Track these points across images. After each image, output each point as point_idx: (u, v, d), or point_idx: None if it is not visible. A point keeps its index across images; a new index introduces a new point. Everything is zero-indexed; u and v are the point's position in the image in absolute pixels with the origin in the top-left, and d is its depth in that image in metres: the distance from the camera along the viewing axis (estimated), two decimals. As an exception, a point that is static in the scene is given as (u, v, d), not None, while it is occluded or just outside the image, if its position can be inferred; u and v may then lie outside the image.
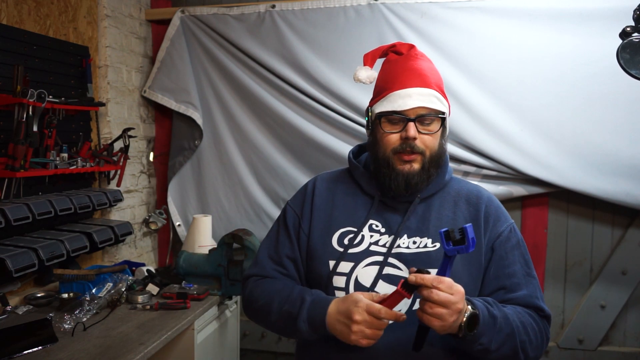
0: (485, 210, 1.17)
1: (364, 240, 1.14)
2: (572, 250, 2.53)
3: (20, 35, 2.00)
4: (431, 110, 1.11)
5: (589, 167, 2.31)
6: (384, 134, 1.13)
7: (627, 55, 1.36)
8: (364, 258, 1.12)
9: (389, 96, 1.13)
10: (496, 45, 2.38)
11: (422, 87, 1.12)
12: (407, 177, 1.11)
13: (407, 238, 1.13)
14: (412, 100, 1.10)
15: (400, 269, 1.10)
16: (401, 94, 1.12)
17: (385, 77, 1.18)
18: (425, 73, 1.14)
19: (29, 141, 1.89)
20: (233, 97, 2.69)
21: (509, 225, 1.17)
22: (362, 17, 2.49)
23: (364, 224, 1.15)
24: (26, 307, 1.87)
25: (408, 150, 1.10)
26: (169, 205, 2.79)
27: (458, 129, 2.41)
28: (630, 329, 2.51)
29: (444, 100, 1.15)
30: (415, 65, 1.15)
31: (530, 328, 1.07)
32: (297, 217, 1.23)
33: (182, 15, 2.68)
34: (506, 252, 1.14)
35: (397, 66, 1.16)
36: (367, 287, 1.10)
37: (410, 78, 1.13)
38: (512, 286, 1.12)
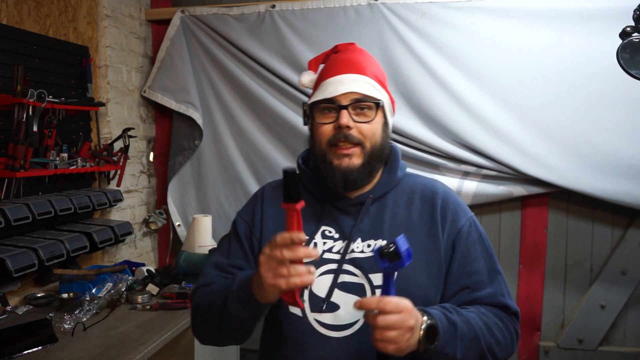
0: (442, 206, 1.09)
1: (317, 248, 1.06)
2: (572, 250, 2.53)
3: (20, 35, 2.00)
4: (365, 96, 1.03)
5: (589, 167, 2.32)
6: (318, 126, 1.06)
7: (627, 55, 1.36)
8: (317, 267, 1.04)
9: (321, 85, 1.07)
10: (496, 45, 2.38)
11: (356, 73, 1.05)
12: (345, 173, 1.03)
13: (361, 242, 1.05)
14: (343, 86, 1.03)
15: (356, 275, 1.03)
16: (332, 80, 1.05)
17: (320, 73, 1.12)
18: (360, 62, 1.08)
19: (29, 141, 1.89)
20: (233, 97, 2.69)
21: (468, 219, 1.09)
22: (362, 17, 2.49)
23: (315, 231, 1.07)
24: (26, 307, 1.87)
25: (343, 141, 1.02)
26: (169, 205, 2.79)
27: (458, 129, 2.41)
28: (630, 329, 2.51)
29: (382, 90, 1.08)
30: (351, 56, 1.09)
31: (497, 328, 1.01)
32: (247, 225, 1.15)
33: (182, 15, 2.68)
34: (468, 249, 1.06)
35: (333, 59, 1.11)
36: (322, 298, 1.02)
37: (343, 66, 1.07)
38: (476, 285, 1.05)
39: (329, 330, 1.01)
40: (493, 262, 1.09)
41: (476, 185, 2.47)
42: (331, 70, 1.08)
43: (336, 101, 1.03)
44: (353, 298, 1.00)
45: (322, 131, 1.05)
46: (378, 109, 1.05)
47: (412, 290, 0.98)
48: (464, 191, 2.47)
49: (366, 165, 1.04)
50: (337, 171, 1.03)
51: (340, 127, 1.02)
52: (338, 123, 1.02)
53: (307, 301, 1.03)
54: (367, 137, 1.04)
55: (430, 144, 2.45)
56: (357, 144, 1.03)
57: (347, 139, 1.02)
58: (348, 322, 1.01)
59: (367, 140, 1.04)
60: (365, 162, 1.04)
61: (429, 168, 2.50)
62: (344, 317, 1.01)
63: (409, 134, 2.46)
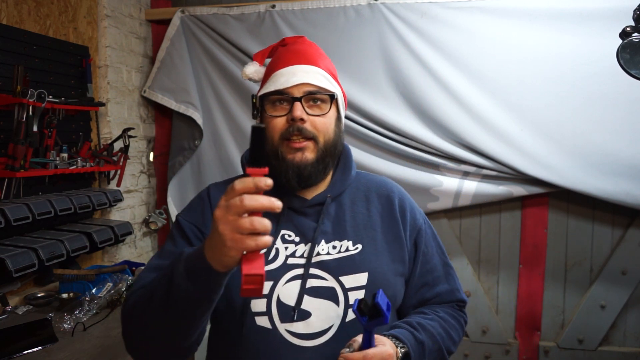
0: (400, 204, 1.09)
1: (279, 254, 1.00)
2: (572, 250, 2.53)
3: (20, 35, 2.00)
4: (319, 88, 1.00)
5: (589, 167, 2.32)
6: (270, 119, 1.00)
7: (627, 55, 1.36)
8: (283, 274, 0.98)
9: (272, 77, 1.02)
10: (496, 45, 2.38)
11: (308, 65, 1.01)
12: (298, 168, 0.98)
13: (325, 243, 1.01)
14: (295, 77, 0.98)
15: (325, 279, 0.98)
16: (284, 72, 1.00)
17: (270, 63, 1.07)
18: (312, 54, 1.04)
19: (29, 141, 1.89)
20: (233, 97, 2.69)
21: (423, 217, 1.12)
22: (362, 17, 2.49)
23: (275, 235, 1.01)
24: (26, 307, 1.87)
25: (296, 135, 0.97)
26: (169, 205, 2.79)
27: (458, 129, 2.41)
28: (630, 329, 2.51)
29: (335, 83, 1.05)
30: (302, 48, 1.05)
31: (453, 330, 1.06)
32: (195, 227, 1.04)
33: (182, 15, 2.68)
34: (427, 247, 1.09)
35: (283, 50, 1.07)
36: (291, 306, 0.96)
37: (294, 57, 1.02)
38: (435, 281, 1.09)
39: (302, 340, 0.96)
40: (445, 257, 1.13)
41: (476, 185, 2.47)
42: (282, 61, 1.03)
43: (289, 93, 0.99)
44: (324, 303, 0.97)
45: (274, 125, 0.99)
46: (332, 102, 1.02)
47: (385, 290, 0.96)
48: (464, 191, 2.47)
49: (320, 161, 1.00)
50: (291, 166, 0.98)
51: (294, 120, 0.97)
52: (291, 115, 0.97)
53: (276, 311, 0.96)
54: (321, 131, 1.00)
55: (430, 144, 2.45)
56: (310, 138, 0.98)
57: (301, 133, 0.98)
58: (322, 329, 0.97)
59: (320, 134, 0.99)
60: (319, 157, 1.00)
61: (429, 168, 2.50)
62: (316, 324, 0.96)
63: (409, 134, 2.45)
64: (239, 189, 0.70)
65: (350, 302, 0.98)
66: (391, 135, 2.48)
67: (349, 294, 0.98)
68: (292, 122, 0.98)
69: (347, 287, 0.99)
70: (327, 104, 1.01)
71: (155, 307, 0.85)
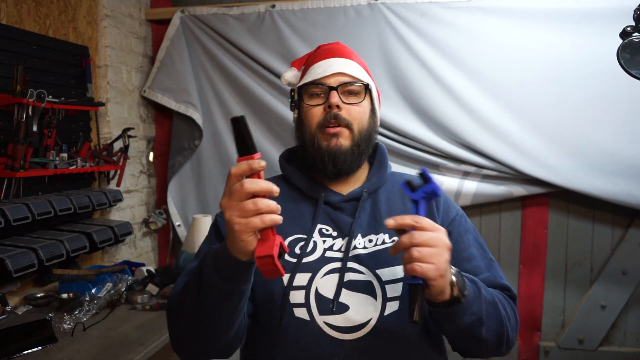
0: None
1: (317, 247, 1.02)
2: (572, 250, 2.53)
3: (20, 35, 2.00)
4: (354, 78, 1.05)
5: (589, 167, 2.31)
6: (308, 108, 1.05)
7: (628, 55, 1.36)
8: (321, 266, 1.00)
9: (309, 70, 1.09)
10: (496, 45, 2.38)
11: (343, 58, 1.08)
12: (334, 155, 1.02)
13: (362, 237, 1.03)
14: (332, 68, 1.05)
15: (362, 273, 0.99)
16: (321, 64, 1.07)
17: (307, 62, 1.14)
18: (347, 51, 1.11)
19: (28, 141, 1.89)
20: (233, 97, 2.69)
21: (458, 212, 1.12)
22: (362, 17, 2.49)
23: (312, 229, 1.03)
24: (26, 307, 1.86)
25: (332, 122, 1.02)
26: (169, 205, 2.79)
27: (458, 129, 2.41)
28: (630, 329, 2.50)
29: (368, 77, 1.10)
30: (337, 46, 1.13)
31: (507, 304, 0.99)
32: None
33: (182, 15, 2.68)
34: (460, 236, 1.07)
35: (319, 49, 1.14)
36: (329, 299, 0.97)
37: (331, 53, 1.09)
38: (474, 269, 1.03)
39: (340, 332, 0.96)
40: (485, 251, 1.09)
41: (476, 185, 2.47)
42: (318, 57, 1.09)
43: (325, 83, 1.04)
44: (361, 297, 0.98)
45: (312, 114, 1.04)
46: (366, 92, 1.06)
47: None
48: (464, 191, 2.47)
49: (354, 149, 1.03)
50: (326, 152, 1.02)
51: (330, 107, 1.02)
52: (328, 103, 1.02)
53: (314, 303, 0.98)
54: (356, 118, 1.04)
55: (430, 144, 2.44)
56: (345, 125, 1.02)
57: (337, 119, 1.02)
58: (360, 323, 0.97)
59: (355, 122, 1.03)
60: (354, 145, 1.03)
61: (429, 168, 2.50)
62: (354, 317, 0.97)
63: (409, 134, 2.45)
64: (235, 173, 0.74)
65: (388, 296, 0.97)
66: (391, 135, 2.48)
67: (386, 287, 0.98)
68: (328, 109, 1.02)
69: (384, 280, 0.99)
70: (362, 94, 1.06)
71: (190, 304, 0.88)
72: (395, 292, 0.98)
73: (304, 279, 0.99)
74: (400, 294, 0.98)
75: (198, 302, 0.87)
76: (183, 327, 0.93)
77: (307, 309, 0.97)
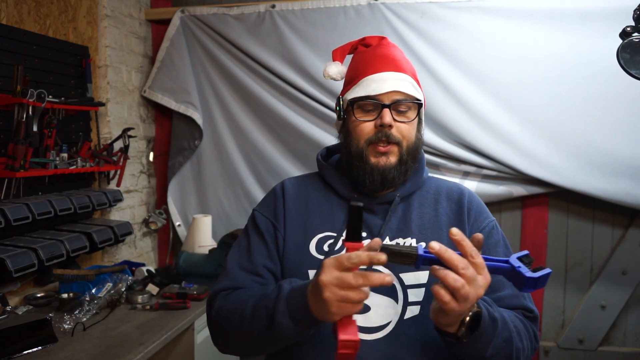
0: (468, 205, 1.09)
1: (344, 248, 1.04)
2: (572, 250, 2.53)
3: (20, 35, 2.00)
4: (407, 95, 1.03)
5: (589, 167, 2.31)
6: (357, 123, 1.04)
7: (627, 55, 1.35)
8: None
9: (361, 81, 1.05)
10: (496, 45, 2.38)
11: (396, 71, 1.04)
12: (383, 172, 1.02)
13: (390, 240, 1.03)
14: (386, 84, 1.02)
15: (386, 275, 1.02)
16: (375, 78, 1.03)
17: (356, 65, 1.09)
18: (398, 59, 1.07)
19: (28, 141, 1.89)
20: (233, 97, 2.69)
21: (490, 221, 1.10)
22: (362, 17, 2.49)
23: (343, 228, 1.04)
24: (26, 307, 1.87)
25: (384, 140, 1.01)
26: (169, 205, 2.79)
27: (458, 129, 2.40)
28: (630, 329, 2.50)
29: (419, 88, 1.08)
30: (388, 51, 1.08)
31: (523, 334, 0.98)
32: (270, 222, 1.09)
33: (182, 15, 2.68)
34: (489, 248, 1.05)
35: (369, 54, 1.09)
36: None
37: (383, 63, 1.05)
38: (497, 284, 1.01)
39: (360, 333, 0.94)
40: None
41: (476, 185, 2.47)
42: (370, 66, 1.06)
43: (378, 100, 1.02)
44: (383, 299, 0.98)
45: (362, 129, 1.03)
46: (418, 109, 1.06)
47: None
48: (464, 191, 2.47)
49: (402, 164, 1.04)
50: (375, 170, 1.02)
51: (383, 126, 1.01)
52: (380, 121, 1.01)
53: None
54: (405, 136, 1.03)
55: (430, 144, 2.44)
56: (395, 143, 1.02)
57: (388, 138, 1.01)
58: (380, 324, 0.97)
59: (404, 139, 1.03)
60: (402, 161, 1.03)
61: (429, 168, 2.47)
62: (374, 319, 0.97)
63: (409, 134, 2.45)
64: (354, 262, 0.76)
65: (410, 300, 0.97)
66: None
67: (408, 291, 0.99)
68: (380, 127, 1.01)
69: (406, 284, 0.99)
70: (414, 110, 1.05)
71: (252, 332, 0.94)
72: (417, 297, 0.98)
73: None
74: (422, 299, 0.98)
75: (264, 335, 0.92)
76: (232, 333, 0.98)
77: None
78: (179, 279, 2.19)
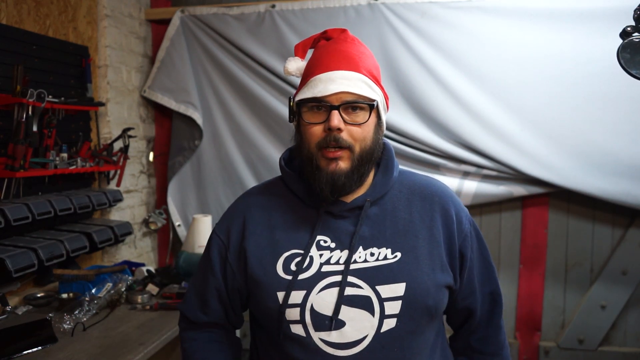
0: (445, 209, 1.04)
1: (313, 262, 0.97)
2: (572, 250, 2.53)
3: (19, 35, 2.00)
4: (359, 96, 0.95)
5: (589, 167, 2.31)
6: (307, 126, 0.97)
7: (628, 55, 1.35)
8: (316, 282, 0.96)
9: (310, 81, 0.98)
10: (496, 44, 2.38)
11: (348, 70, 0.96)
12: (333, 178, 0.95)
13: (363, 250, 0.97)
14: (334, 85, 0.94)
15: (360, 287, 0.95)
16: (322, 78, 0.96)
17: (310, 63, 1.02)
18: (353, 56, 0.98)
19: (28, 141, 1.89)
20: (233, 97, 2.69)
21: (468, 219, 1.06)
22: (362, 17, 2.49)
23: (310, 242, 0.98)
24: (26, 307, 1.86)
25: (332, 145, 0.94)
26: (169, 205, 2.79)
27: (458, 129, 2.40)
28: (630, 329, 2.50)
29: (376, 87, 1.00)
30: (343, 48, 1.00)
31: None
32: (223, 245, 1.06)
33: (182, 15, 2.68)
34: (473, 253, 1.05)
35: (323, 50, 1.01)
36: (328, 316, 0.95)
37: (335, 61, 0.97)
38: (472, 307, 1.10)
39: (336, 349, 0.95)
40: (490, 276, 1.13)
41: (476, 185, 2.47)
42: (321, 64, 0.98)
43: (327, 101, 0.95)
44: (359, 312, 0.95)
45: (311, 132, 0.96)
46: (372, 110, 0.97)
47: (423, 301, 0.96)
48: (464, 191, 2.47)
49: (355, 171, 0.97)
50: (325, 175, 0.96)
51: (331, 130, 0.94)
52: (328, 125, 0.94)
53: (310, 320, 0.95)
54: (358, 140, 0.96)
55: (430, 144, 2.44)
56: (346, 147, 0.95)
57: (337, 142, 0.94)
58: (356, 339, 0.94)
59: (357, 143, 0.96)
60: (354, 167, 0.97)
61: (429, 168, 2.50)
62: (350, 334, 0.94)
63: (409, 134, 2.45)
64: None
65: (386, 313, 0.95)
66: (391, 135, 2.48)
67: (384, 304, 0.95)
68: (328, 131, 0.94)
69: (383, 297, 0.95)
70: (367, 111, 0.97)
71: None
72: (393, 309, 0.95)
73: (299, 297, 0.96)
74: (398, 312, 0.95)
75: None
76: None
77: (302, 325, 0.96)
78: (179, 279, 2.19)
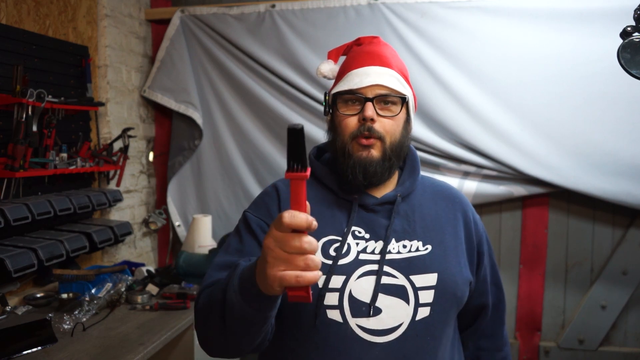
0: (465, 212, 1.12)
1: (351, 249, 1.01)
2: (572, 250, 2.53)
3: (19, 35, 1.99)
4: (391, 90, 1.02)
5: (589, 167, 2.31)
6: (342, 117, 1.04)
7: (628, 55, 1.35)
8: (355, 269, 0.99)
9: (346, 76, 1.06)
10: (496, 45, 2.38)
11: (382, 66, 1.04)
12: (364, 165, 1.01)
13: (396, 242, 1.03)
14: (369, 78, 1.02)
15: (395, 277, 1.00)
16: (358, 72, 1.04)
17: (345, 62, 1.10)
18: (385, 55, 1.07)
19: (28, 141, 1.89)
20: (233, 97, 2.69)
21: (481, 224, 1.16)
22: (362, 17, 2.49)
23: (347, 232, 1.02)
24: (25, 307, 1.86)
25: (366, 134, 1.01)
26: (169, 205, 2.79)
27: (458, 129, 2.40)
28: (631, 329, 2.50)
29: (406, 85, 1.08)
30: (376, 48, 1.08)
31: None
32: (263, 222, 1.05)
33: (181, 15, 2.68)
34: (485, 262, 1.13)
35: (358, 50, 1.10)
36: (366, 303, 0.98)
37: (368, 58, 1.05)
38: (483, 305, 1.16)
39: (372, 335, 0.97)
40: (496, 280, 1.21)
41: (476, 185, 2.47)
42: (356, 62, 1.06)
43: (361, 93, 1.02)
44: (395, 301, 0.98)
45: (346, 123, 1.03)
46: (403, 104, 1.05)
47: (453, 292, 1.01)
48: (465, 191, 2.47)
49: (385, 160, 1.03)
50: (357, 162, 1.01)
51: (365, 120, 1.00)
52: (363, 115, 1.00)
53: (348, 306, 0.98)
54: (389, 132, 1.03)
55: (430, 144, 2.44)
56: (378, 137, 1.02)
57: (370, 132, 1.01)
58: (392, 326, 0.97)
59: (388, 135, 1.02)
60: (385, 156, 1.03)
61: (429, 168, 2.50)
62: (386, 321, 0.97)
63: (409, 134, 2.45)
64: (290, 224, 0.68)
65: (420, 301, 0.99)
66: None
67: (419, 293, 0.99)
68: (363, 121, 1.01)
69: (417, 286, 1.00)
70: (398, 105, 1.04)
71: (215, 319, 0.88)
72: (427, 298, 0.99)
73: (339, 282, 0.99)
74: (432, 300, 0.99)
75: (223, 317, 0.86)
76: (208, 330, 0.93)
77: (340, 310, 0.98)
78: (178, 279, 2.19)
